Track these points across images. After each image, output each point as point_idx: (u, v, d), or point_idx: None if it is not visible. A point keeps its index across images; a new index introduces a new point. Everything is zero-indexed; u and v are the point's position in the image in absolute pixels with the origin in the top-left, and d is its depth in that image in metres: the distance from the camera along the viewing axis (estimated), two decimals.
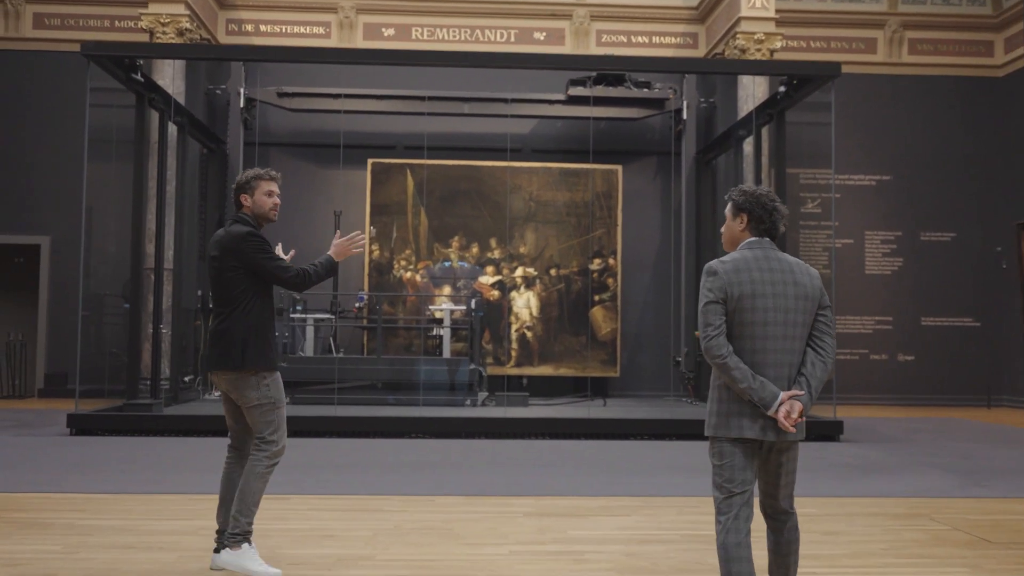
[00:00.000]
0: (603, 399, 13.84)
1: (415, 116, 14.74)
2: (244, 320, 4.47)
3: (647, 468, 8.18)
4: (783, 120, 11.95)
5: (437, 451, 9.06)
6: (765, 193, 3.61)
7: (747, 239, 3.58)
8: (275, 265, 4.54)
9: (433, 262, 14.78)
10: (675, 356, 14.75)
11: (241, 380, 4.45)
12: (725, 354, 3.41)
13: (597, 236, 14.91)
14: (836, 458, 8.98)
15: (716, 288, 3.45)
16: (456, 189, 14.78)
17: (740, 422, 3.42)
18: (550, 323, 14.82)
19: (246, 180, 4.65)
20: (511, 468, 8.08)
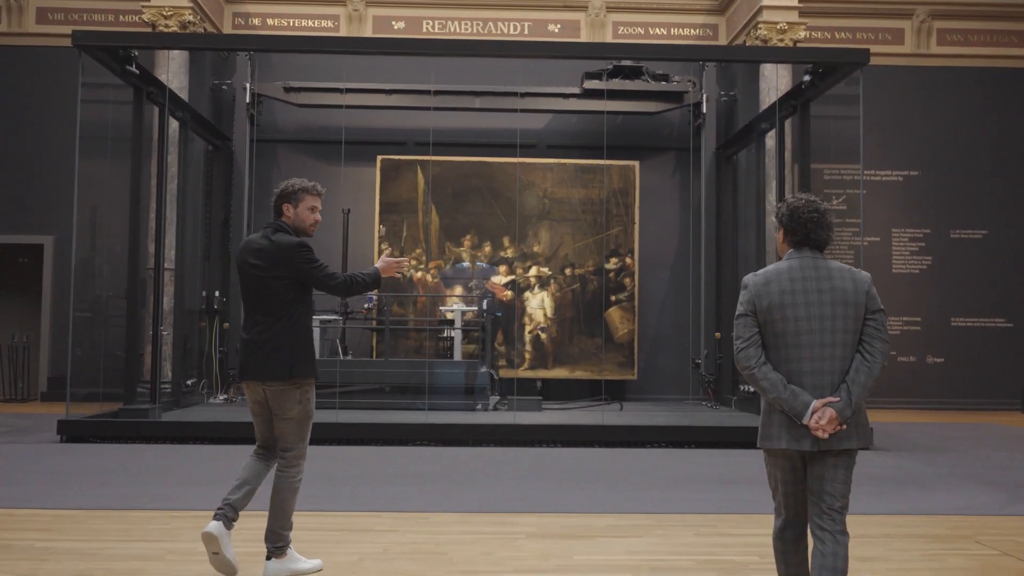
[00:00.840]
0: (620, 403, 13.23)
1: (425, 111, 14.18)
2: (292, 330, 4.44)
3: (662, 480, 7.58)
4: (807, 112, 11.30)
5: (441, 460, 8.50)
6: (803, 204, 3.56)
7: (790, 250, 3.58)
8: (324, 274, 4.50)
9: (444, 261, 14.23)
10: (695, 358, 14.12)
11: (286, 391, 4.42)
12: (753, 364, 3.44)
13: (613, 234, 14.31)
14: (868, 469, 8.34)
15: (745, 301, 3.50)
16: (468, 186, 14.22)
17: (779, 432, 3.43)
18: (565, 324, 14.23)
19: (293, 190, 4.57)
20: (516, 480, 7.50)
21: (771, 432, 3.46)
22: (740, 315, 3.51)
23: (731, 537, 5.63)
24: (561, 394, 13.78)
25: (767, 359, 3.46)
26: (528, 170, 14.29)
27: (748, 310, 3.49)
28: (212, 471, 7.73)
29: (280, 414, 4.45)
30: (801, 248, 3.54)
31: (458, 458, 8.65)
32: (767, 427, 3.49)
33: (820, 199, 3.61)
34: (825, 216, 3.55)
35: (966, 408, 14.53)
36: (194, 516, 5.87)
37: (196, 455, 8.68)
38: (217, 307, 13.51)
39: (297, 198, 4.56)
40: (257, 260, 4.48)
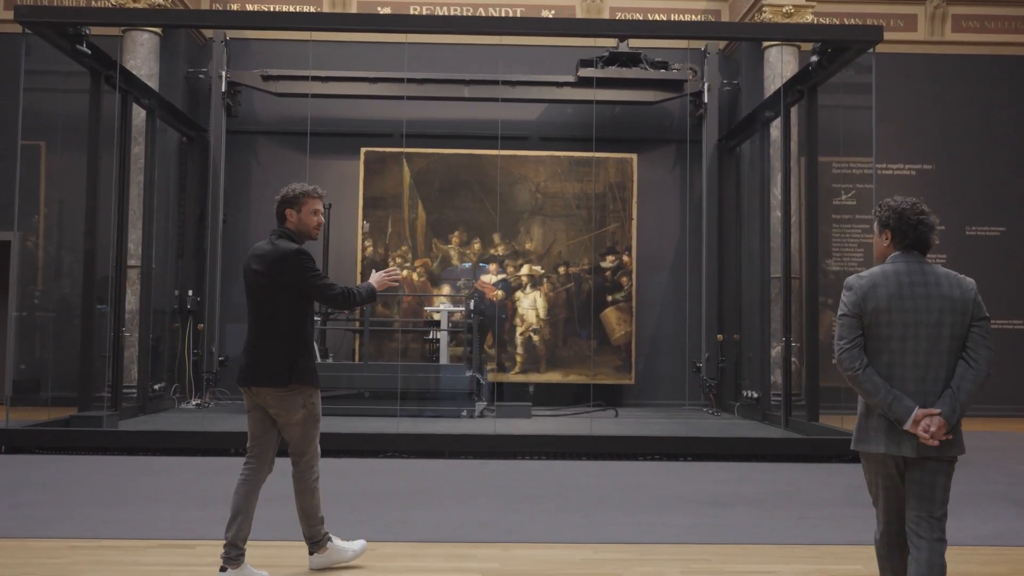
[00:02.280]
0: (615, 409, 12.35)
1: (412, 101, 13.31)
2: (292, 336, 4.43)
3: (652, 501, 6.69)
4: (815, 97, 10.42)
5: (408, 475, 7.62)
6: (910, 207, 3.50)
7: (892, 253, 3.52)
8: (322, 283, 4.51)
9: (431, 259, 13.36)
10: (695, 362, 13.22)
11: (288, 396, 4.42)
12: (857, 367, 3.41)
13: (610, 231, 13.43)
14: None
15: (850, 302, 3.46)
16: (456, 180, 13.36)
17: (876, 436, 3.41)
18: (558, 326, 13.35)
19: (294, 195, 4.59)
20: (486, 500, 6.62)
21: (868, 436, 3.44)
22: (844, 315, 3.46)
23: (724, 571, 4.76)
24: (554, 399, 12.91)
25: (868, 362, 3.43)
26: (520, 163, 13.42)
27: (853, 311, 3.44)
28: (165, 486, 6.88)
29: (285, 420, 4.44)
30: (909, 251, 3.49)
31: (428, 473, 7.78)
32: (864, 431, 3.47)
33: (920, 201, 3.54)
34: (930, 217, 3.50)
35: (984, 415, 13.56)
36: (112, 547, 5.02)
37: (152, 468, 7.83)
38: (191, 307, 12.68)
39: (299, 202, 4.58)
40: (259, 266, 4.52)
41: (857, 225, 13.99)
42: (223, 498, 6.36)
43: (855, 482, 7.58)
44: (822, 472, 8.13)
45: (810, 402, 10.20)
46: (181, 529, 5.46)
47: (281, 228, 4.62)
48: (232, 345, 13.06)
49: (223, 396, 12.75)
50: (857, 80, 12.67)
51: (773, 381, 11.82)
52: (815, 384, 10.23)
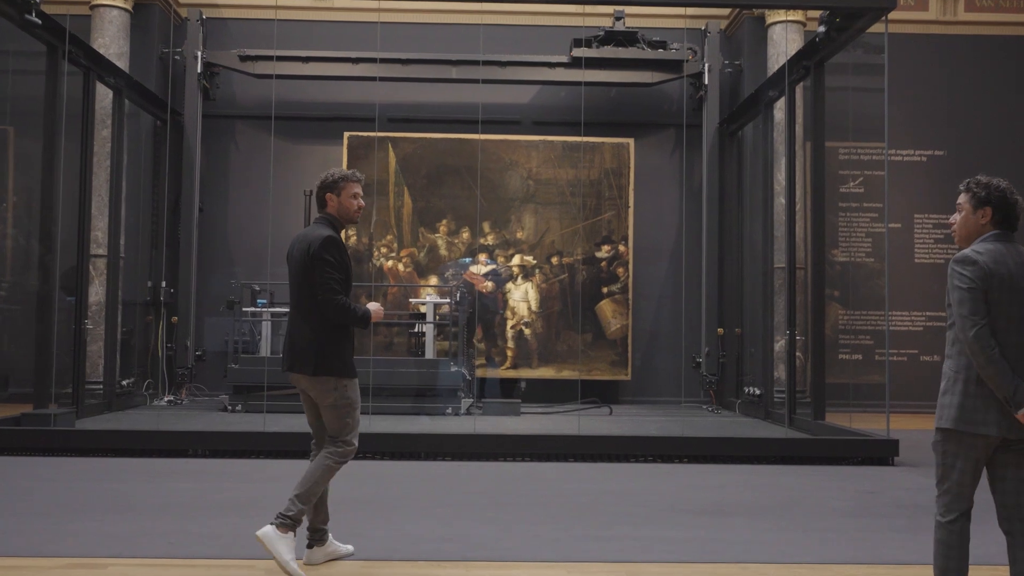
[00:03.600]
0: (609, 407, 11.63)
1: (397, 83, 12.63)
2: (324, 324, 4.36)
3: (641, 510, 5.97)
4: (822, 74, 9.69)
5: (376, 480, 6.91)
6: (1007, 187, 3.45)
7: (988, 232, 3.42)
8: (329, 278, 4.35)
9: (418, 249, 12.65)
10: (695, 357, 12.50)
11: (319, 382, 4.37)
12: (994, 346, 3.26)
13: (605, 219, 12.72)
14: (892, 492, 6.73)
15: (977, 277, 3.30)
16: (444, 166, 12.65)
17: (987, 418, 3.29)
18: (551, 319, 12.64)
19: (333, 180, 4.55)
20: (457, 510, 5.91)
21: (978, 417, 3.29)
22: (972, 288, 3.29)
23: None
24: (547, 396, 12.18)
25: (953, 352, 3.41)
26: (511, 148, 12.71)
27: (981, 285, 3.29)
28: (92, 495, 6.18)
29: (320, 402, 4.41)
30: (1005, 232, 3.42)
31: (398, 477, 7.07)
32: (973, 411, 3.30)
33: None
34: (1021, 199, 3.47)
35: None
36: (9, 568, 4.33)
37: (95, 473, 7.12)
38: (164, 299, 11.99)
39: (339, 187, 4.53)
40: (296, 251, 4.49)
41: (865, 214, 13.24)
42: (162, 507, 5.68)
43: (866, 488, 6.87)
44: (830, 477, 7.41)
45: (816, 399, 9.47)
46: (94, 545, 4.76)
47: (322, 213, 4.58)
48: (210, 339, 12.40)
49: (200, 392, 12.07)
50: (865, 60, 11.94)
51: (776, 377, 11.10)
52: (821, 380, 9.51)
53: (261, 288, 11.53)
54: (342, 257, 4.42)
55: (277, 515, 4.25)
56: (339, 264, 4.39)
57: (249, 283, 11.54)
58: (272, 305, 11.55)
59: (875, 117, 11.73)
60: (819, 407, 9.41)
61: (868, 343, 13.13)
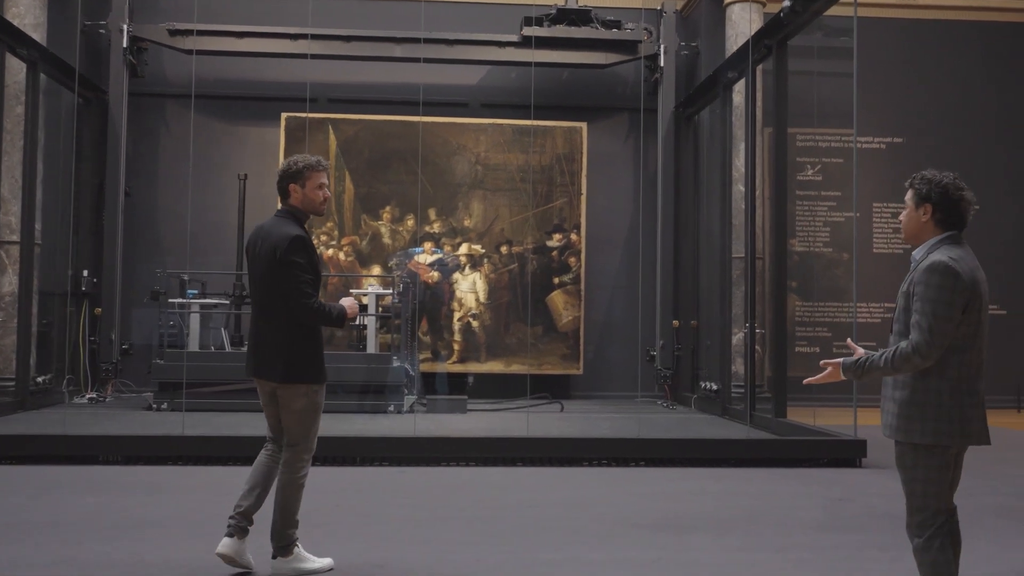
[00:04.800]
0: (560, 403, 11.02)
1: (338, 61, 11.88)
2: (290, 329, 4.13)
3: (594, 525, 5.35)
4: (785, 53, 9.15)
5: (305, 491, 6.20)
6: (951, 181, 3.27)
7: (940, 234, 3.26)
8: (301, 282, 4.09)
9: (360, 237, 11.93)
10: (649, 350, 11.95)
11: (289, 388, 4.15)
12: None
13: (557, 207, 12.10)
14: (865, 499, 6.19)
15: (960, 289, 3.09)
16: (388, 150, 11.93)
17: (980, 428, 3.17)
18: (500, 311, 12.01)
19: (297, 169, 4.26)
20: (389, 529, 5.24)
21: (972, 429, 3.15)
22: (952, 304, 3.08)
23: None
24: (495, 391, 11.57)
25: (951, 362, 3.15)
26: (458, 132, 12.04)
27: (960, 302, 3.10)
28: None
29: (286, 406, 4.18)
30: (957, 234, 3.28)
31: (328, 486, 6.35)
32: (966, 422, 3.14)
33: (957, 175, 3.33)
34: (970, 193, 3.31)
35: None
36: None
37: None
38: (87, 289, 11.15)
39: (304, 176, 4.24)
40: (262, 251, 4.19)
41: (823, 202, 12.77)
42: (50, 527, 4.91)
43: (837, 495, 6.33)
44: (796, 481, 6.86)
45: (777, 396, 8.96)
46: None
47: (285, 205, 4.29)
48: (138, 332, 11.59)
49: (126, 388, 11.26)
50: (826, 43, 11.45)
51: (734, 371, 10.57)
52: (783, 376, 8.99)
53: (191, 278, 10.73)
54: (311, 257, 4.17)
55: (276, 548, 4.17)
56: (309, 265, 4.14)
57: (178, 272, 10.74)
58: (204, 296, 10.78)
59: (834, 102, 11.26)
60: (780, 404, 8.90)
61: (826, 335, 12.67)
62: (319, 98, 12.10)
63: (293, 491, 4.19)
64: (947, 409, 3.12)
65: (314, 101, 11.89)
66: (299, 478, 4.21)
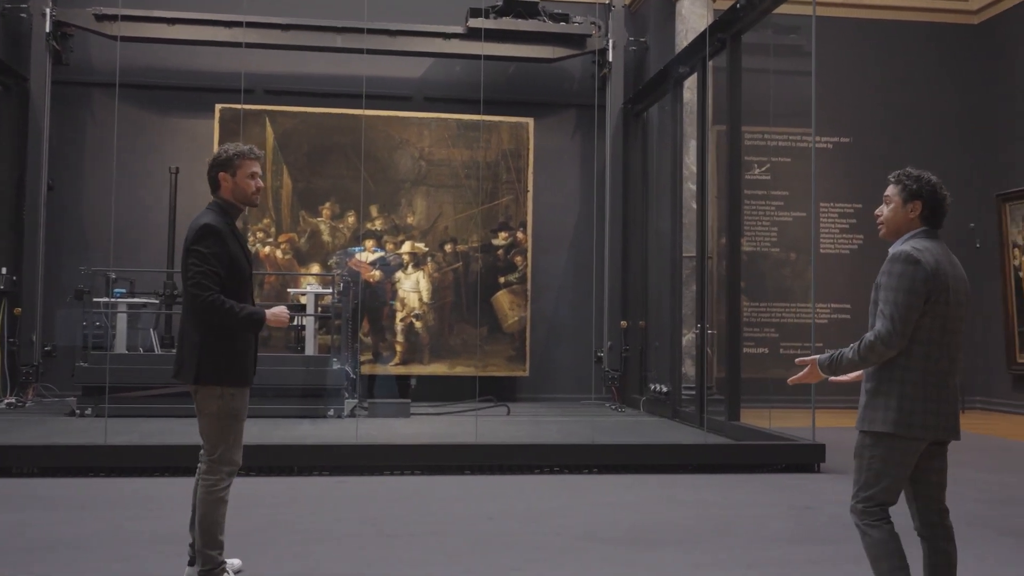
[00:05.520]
0: (506, 405, 10.62)
1: (275, 51, 11.35)
2: (206, 325, 3.80)
3: (555, 539, 4.96)
4: (739, 47, 8.86)
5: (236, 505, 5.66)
6: (937, 181, 3.29)
7: (918, 228, 3.26)
8: (198, 272, 3.76)
9: (298, 234, 11.41)
10: (596, 351, 11.63)
11: (202, 390, 3.82)
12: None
13: (503, 204, 11.73)
14: (829, 508, 5.88)
15: (921, 279, 3.09)
16: (328, 144, 11.44)
17: (927, 420, 3.11)
18: (444, 311, 11.58)
19: (227, 157, 3.95)
20: (327, 548, 4.79)
21: (938, 423, 3.13)
22: (913, 293, 3.07)
23: None
24: (439, 394, 11.13)
25: (916, 353, 3.13)
26: (401, 126, 11.58)
27: (922, 289, 3.08)
28: None
29: (200, 410, 3.88)
30: (933, 230, 3.26)
31: (263, 499, 5.86)
32: (929, 415, 3.11)
33: None
34: (948, 194, 3.32)
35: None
36: None
37: None
38: (6, 288, 10.47)
39: (234, 165, 3.97)
40: (185, 243, 3.96)
41: (771, 202, 12.57)
42: None
43: (801, 503, 6.04)
44: (757, 488, 6.56)
45: (731, 398, 8.66)
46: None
47: (216, 197, 4.00)
48: (60, 333, 10.93)
49: (48, 393, 10.58)
50: (774, 41, 11.26)
51: (684, 373, 10.29)
52: (737, 378, 8.70)
53: (118, 276, 10.12)
54: (220, 248, 3.82)
55: (200, 573, 3.83)
56: (215, 256, 3.80)
57: (104, 270, 10.11)
58: (132, 295, 10.18)
59: (783, 100, 11.05)
60: (734, 407, 8.61)
61: (773, 336, 12.49)
62: (255, 89, 11.58)
63: (211, 507, 3.83)
64: (909, 400, 3.11)
65: (250, 92, 11.35)
66: (218, 491, 3.84)
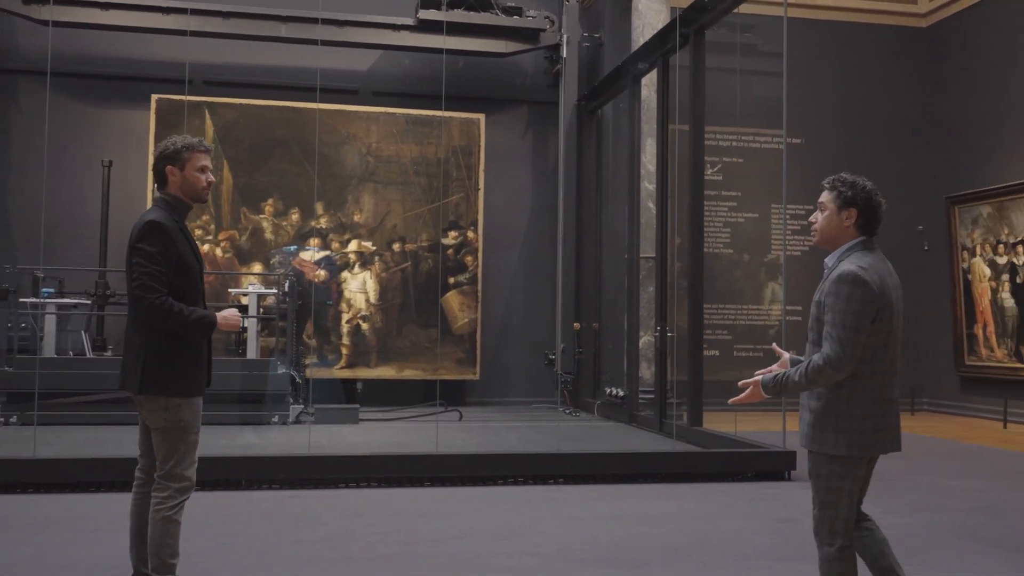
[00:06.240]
0: (458, 410, 10.21)
1: (216, 40, 10.79)
2: (152, 331, 3.49)
3: (531, 560, 4.58)
4: (702, 42, 8.60)
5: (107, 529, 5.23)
6: (872, 187, 3.19)
7: (856, 239, 3.18)
8: (144, 272, 3.44)
9: (239, 232, 10.86)
10: (548, 353, 11.30)
11: (149, 401, 3.53)
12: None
13: (453, 202, 11.32)
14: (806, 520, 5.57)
15: (869, 299, 3.01)
16: (271, 138, 10.91)
17: (877, 438, 3.07)
18: (392, 312, 11.13)
19: (175, 150, 3.65)
20: (248, 572, 4.35)
21: (886, 438, 3.09)
22: (861, 314, 2.98)
23: None
24: (386, 398, 10.70)
25: (863, 372, 3.04)
26: (348, 120, 11.10)
27: (870, 311, 3.01)
28: None
29: (148, 423, 3.57)
30: (871, 239, 3.19)
31: (205, 517, 5.37)
32: (879, 432, 3.07)
33: None
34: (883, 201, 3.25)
35: None
36: None
37: None
38: None
39: (183, 158, 3.63)
40: (129, 241, 3.60)
41: (723, 203, 12.38)
42: None
43: (781, 515, 5.75)
44: (732, 499, 6.26)
45: (693, 403, 8.38)
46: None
47: (162, 193, 3.69)
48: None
49: None
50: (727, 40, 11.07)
51: (641, 377, 10.00)
52: (699, 381, 8.43)
53: (46, 275, 9.48)
54: (167, 247, 3.50)
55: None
56: (162, 255, 3.48)
57: (31, 268, 9.45)
58: (62, 295, 9.55)
59: (736, 101, 10.84)
60: (696, 412, 8.34)
61: (726, 338, 12.29)
62: (195, 79, 10.98)
63: (163, 528, 3.49)
64: (859, 420, 3.05)
65: (189, 83, 10.75)
66: (166, 510, 3.51)
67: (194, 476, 3.58)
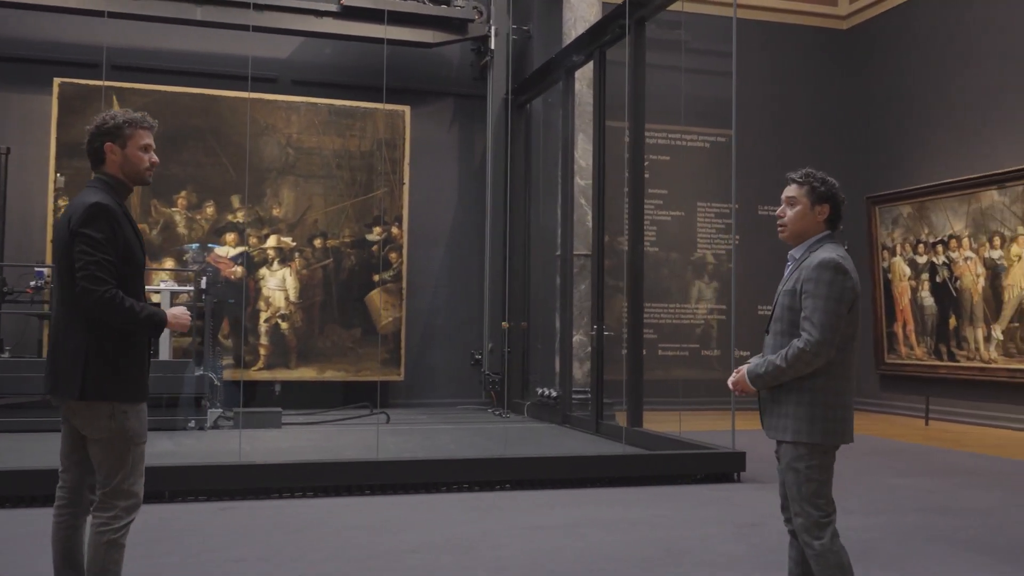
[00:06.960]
0: (385, 413, 9.79)
1: (125, 21, 10.10)
2: (94, 329, 3.05)
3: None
4: (643, 34, 8.39)
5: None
6: (837, 183, 3.27)
7: (822, 232, 3.22)
8: (91, 261, 3.00)
9: (150, 226, 10.21)
10: (474, 353, 10.96)
11: (88, 409, 3.07)
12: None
13: (377, 197, 10.89)
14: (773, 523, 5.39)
15: (849, 288, 3.07)
16: (185, 127, 10.29)
17: (847, 426, 3.13)
18: (313, 311, 10.64)
19: (116, 124, 3.22)
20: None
21: (839, 427, 3.09)
22: (842, 302, 3.04)
23: None
24: (307, 401, 10.23)
25: (835, 360, 3.08)
26: (267, 110, 10.57)
27: (849, 298, 3.07)
28: None
29: (88, 434, 3.09)
30: (835, 233, 3.26)
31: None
32: (847, 422, 3.13)
33: None
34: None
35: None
36: None
37: None
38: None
39: (124, 134, 3.21)
40: (60, 229, 3.16)
41: (650, 200, 12.19)
42: None
43: (743, 519, 5.54)
44: (687, 502, 6.04)
45: (633, 404, 8.15)
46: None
47: (99, 172, 3.25)
48: None
49: None
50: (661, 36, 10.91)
51: (573, 376, 9.74)
52: (639, 381, 8.20)
53: None
54: (114, 232, 3.08)
55: None
56: (108, 241, 3.07)
57: None
58: None
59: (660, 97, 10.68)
60: (636, 412, 8.11)
61: (651, 337, 12.14)
62: (100, 63, 10.27)
63: (106, 554, 3.07)
64: (833, 408, 3.08)
65: (94, 66, 10.06)
66: (110, 534, 3.08)
67: (142, 492, 3.17)
